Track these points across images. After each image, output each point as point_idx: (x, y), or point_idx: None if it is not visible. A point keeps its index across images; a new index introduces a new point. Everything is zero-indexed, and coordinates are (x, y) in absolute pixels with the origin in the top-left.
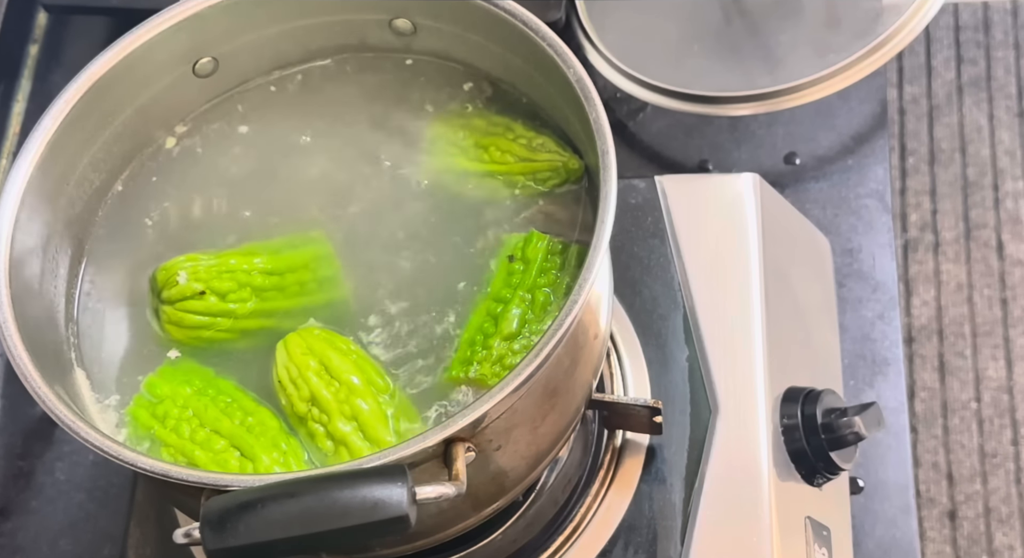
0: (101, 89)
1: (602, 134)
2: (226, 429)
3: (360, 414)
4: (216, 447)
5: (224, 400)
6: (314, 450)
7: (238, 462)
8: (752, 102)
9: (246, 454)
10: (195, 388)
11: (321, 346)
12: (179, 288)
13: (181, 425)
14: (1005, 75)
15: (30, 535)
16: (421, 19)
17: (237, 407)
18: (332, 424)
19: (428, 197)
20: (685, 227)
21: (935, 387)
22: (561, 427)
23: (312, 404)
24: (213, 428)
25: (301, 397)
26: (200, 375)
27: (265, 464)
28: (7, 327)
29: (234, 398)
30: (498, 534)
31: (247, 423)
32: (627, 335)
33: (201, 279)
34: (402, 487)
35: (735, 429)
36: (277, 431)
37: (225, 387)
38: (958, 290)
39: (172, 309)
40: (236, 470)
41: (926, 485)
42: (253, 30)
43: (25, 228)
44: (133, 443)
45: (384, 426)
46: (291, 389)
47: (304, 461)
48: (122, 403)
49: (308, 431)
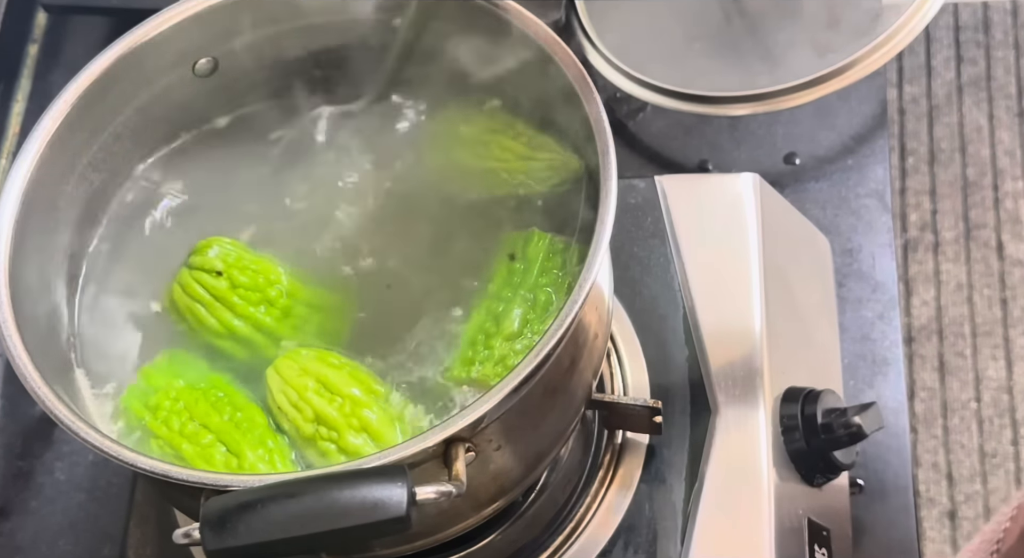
0: (100, 90)
1: (602, 134)
2: (214, 424)
3: (369, 425)
4: (203, 441)
5: (215, 394)
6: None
7: (223, 458)
8: (752, 102)
9: (231, 450)
10: (188, 381)
11: (315, 365)
12: (206, 258)
13: (171, 417)
14: (1005, 75)
15: (30, 535)
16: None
17: (227, 402)
18: (343, 439)
19: (429, 193)
20: (685, 227)
21: (935, 387)
22: (561, 427)
23: (319, 423)
24: (202, 422)
25: (306, 418)
26: (195, 368)
27: (250, 460)
28: (7, 327)
29: (226, 393)
30: (498, 534)
31: (236, 419)
32: (627, 335)
33: (227, 263)
34: (402, 487)
35: (735, 429)
36: (265, 428)
37: (217, 382)
38: (958, 290)
39: (188, 272)
40: (221, 465)
41: (926, 485)
42: (252, 31)
43: (25, 229)
44: (126, 433)
45: (393, 431)
46: (293, 413)
47: (290, 459)
48: (118, 391)
49: (319, 450)
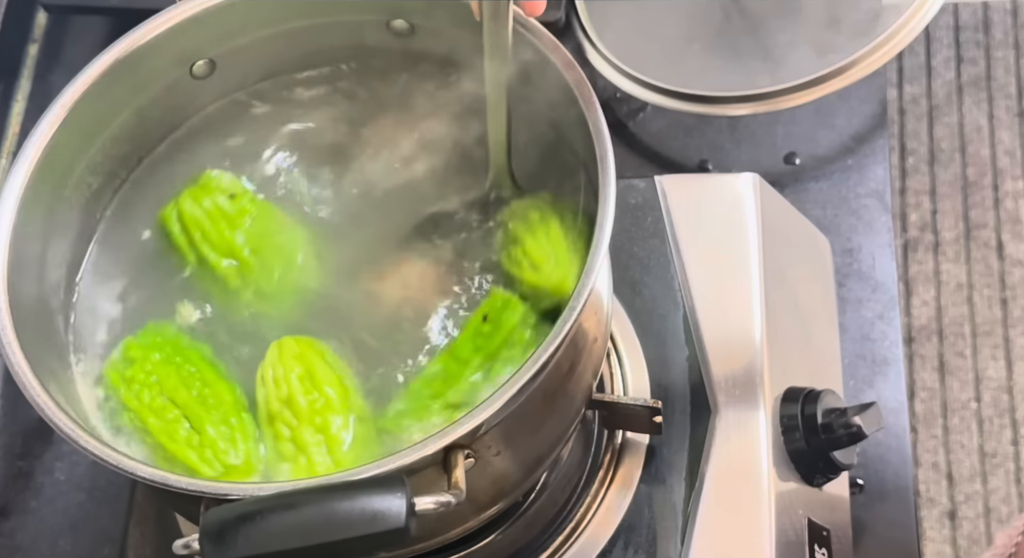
0: (98, 93)
1: (601, 139)
2: (181, 399)
3: (328, 429)
4: (168, 416)
5: (188, 369)
6: (272, 451)
7: (186, 434)
8: (752, 102)
9: (194, 426)
10: (164, 355)
11: (311, 356)
12: (218, 182)
13: (143, 391)
14: (1005, 75)
15: (30, 535)
16: (419, 20)
17: (198, 378)
18: (299, 431)
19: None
20: (685, 227)
21: (935, 387)
22: (561, 430)
23: (286, 406)
24: (170, 397)
25: (278, 397)
26: (173, 343)
27: (210, 437)
28: (6, 334)
29: (199, 368)
30: (498, 534)
31: (203, 394)
32: (627, 335)
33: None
34: (401, 498)
35: (735, 429)
36: (231, 406)
37: (192, 356)
38: (958, 290)
39: (195, 189)
40: (183, 442)
41: (926, 485)
42: (250, 32)
43: (22, 233)
44: (103, 402)
45: (341, 448)
46: (271, 387)
47: (254, 438)
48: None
49: (274, 432)
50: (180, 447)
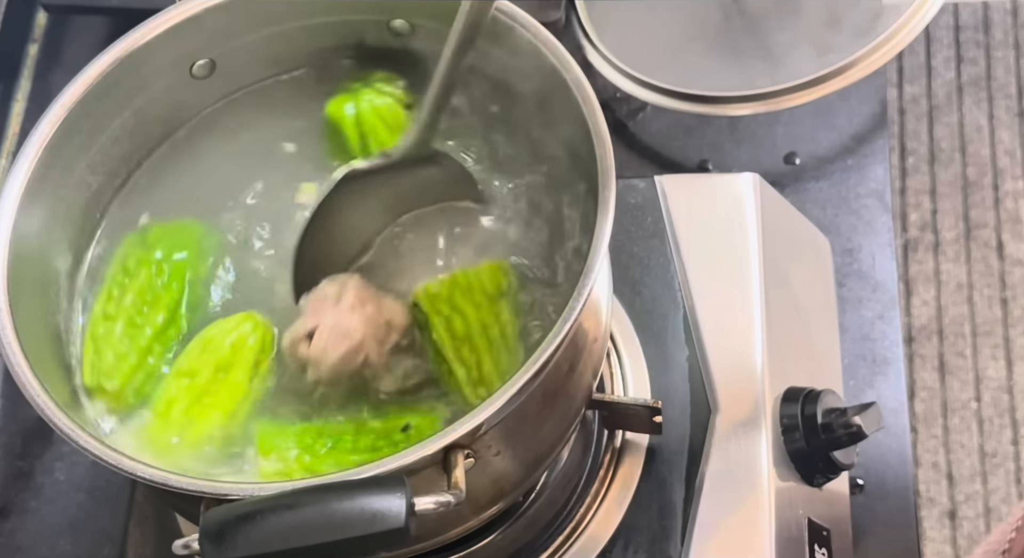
0: (97, 93)
1: (600, 139)
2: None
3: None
4: (110, 310)
5: (154, 258)
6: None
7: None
8: (752, 102)
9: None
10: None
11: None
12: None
13: (113, 288)
14: (1005, 75)
15: (30, 535)
16: (419, 20)
17: (162, 263)
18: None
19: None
20: (685, 227)
21: (935, 387)
22: (561, 430)
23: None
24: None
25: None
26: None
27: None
28: (6, 334)
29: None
30: (498, 534)
31: (150, 282)
32: (627, 335)
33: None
34: (401, 498)
35: (735, 429)
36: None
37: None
38: (958, 290)
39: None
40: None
41: (926, 485)
42: (250, 32)
43: (23, 233)
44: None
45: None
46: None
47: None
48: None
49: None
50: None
